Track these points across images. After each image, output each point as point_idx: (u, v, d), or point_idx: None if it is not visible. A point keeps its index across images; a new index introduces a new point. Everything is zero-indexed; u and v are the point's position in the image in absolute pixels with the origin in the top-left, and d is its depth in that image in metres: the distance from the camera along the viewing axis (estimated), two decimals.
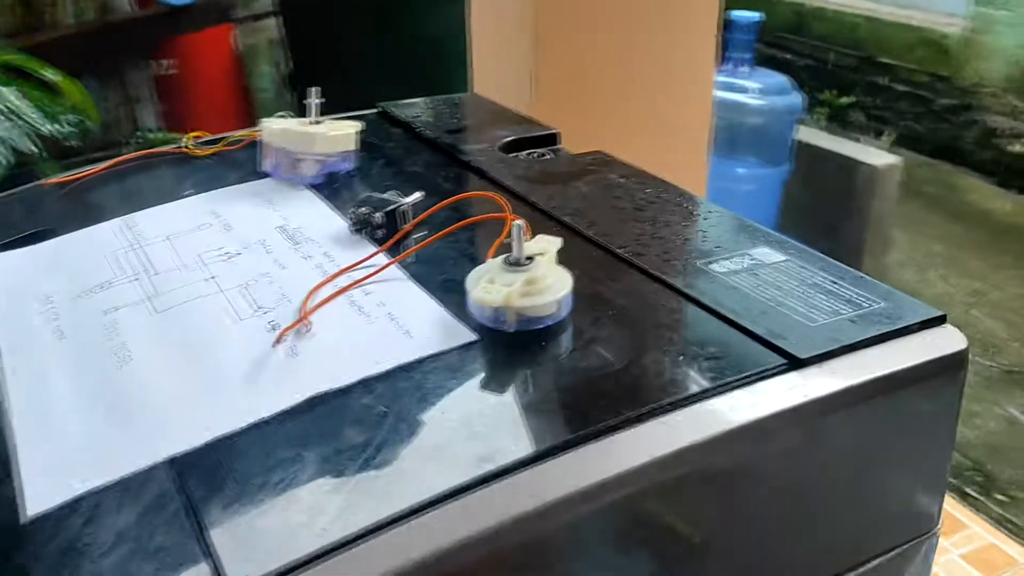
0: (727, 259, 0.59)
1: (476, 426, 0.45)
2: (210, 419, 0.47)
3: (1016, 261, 2.72)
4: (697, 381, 0.48)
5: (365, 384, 0.48)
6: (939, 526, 0.57)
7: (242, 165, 0.79)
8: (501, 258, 0.54)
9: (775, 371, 0.48)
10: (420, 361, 0.50)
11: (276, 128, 0.74)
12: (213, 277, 0.60)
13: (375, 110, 0.94)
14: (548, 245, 0.56)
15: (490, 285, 0.52)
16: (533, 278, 0.52)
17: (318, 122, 0.74)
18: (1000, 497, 1.80)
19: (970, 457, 1.88)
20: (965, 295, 2.55)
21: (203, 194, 0.73)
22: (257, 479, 0.42)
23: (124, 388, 0.50)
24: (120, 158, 0.82)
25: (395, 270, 0.60)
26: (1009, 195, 3.17)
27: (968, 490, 1.81)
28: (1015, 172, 3.19)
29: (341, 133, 0.73)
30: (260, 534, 0.39)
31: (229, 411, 0.47)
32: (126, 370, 0.52)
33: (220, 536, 0.39)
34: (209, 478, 0.43)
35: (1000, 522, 1.67)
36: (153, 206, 0.72)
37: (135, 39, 2.65)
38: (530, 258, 0.54)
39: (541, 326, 0.52)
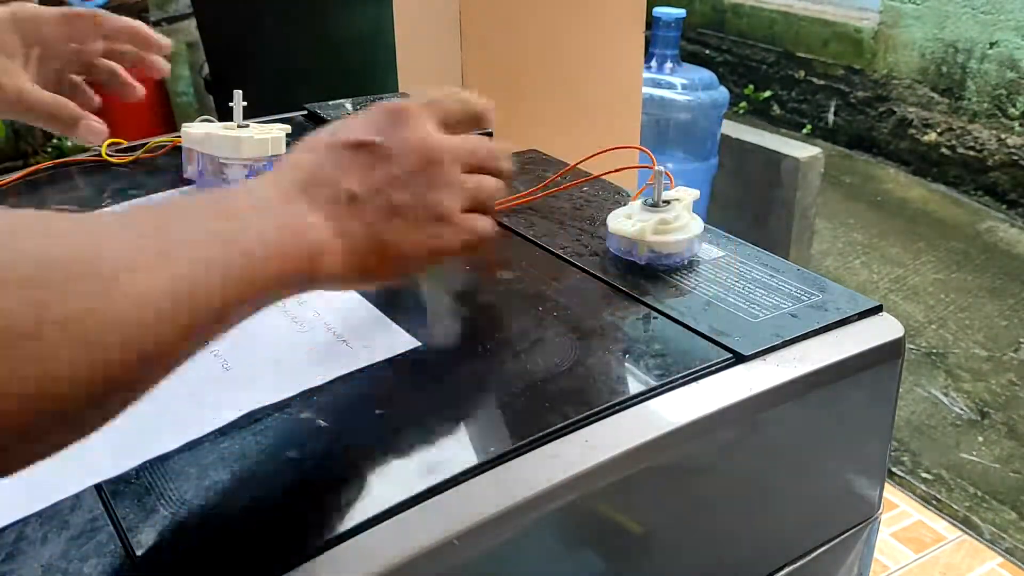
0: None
1: (420, 437, 0.44)
2: (140, 441, 0.44)
3: (931, 247, 2.82)
4: (643, 380, 0.47)
5: (303, 397, 0.47)
6: (880, 510, 0.58)
7: (163, 172, 0.76)
8: (642, 199, 0.59)
9: (719, 367, 0.48)
10: (360, 371, 0.49)
11: (199, 133, 0.71)
12: None
13: (302, 112, 0.92)
14: (686, 194, 0.60)
15: (627, 220, 0.58)
16: (667, 219, 0.57)
17: (244, 126, 0.72)
18: (925, 476, 1.86)
19: (896, 438, 1.94)
20: (887, 281, 2.64)
21: (123, 203, 0.70)
22: (191, 503, 0.40)
23: None
24: (33, 168, 0.77)
25: None
26: (923, 183, 3.30)
27: (895, 470, 1.87)
28: (928, 161, 3.31)
29: (269, 137, 0.71)
30: (194, 564, 0.37)
31: (159, 431, 0.45)
32: None
33: (152, 566, 0.37)
34: (140, 503, 0.41)
35: (926, 500, 1.72)
36: None
37: None
38: (667, 202, 0.59)
39: (670, 263, 0.58)
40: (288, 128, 0.74)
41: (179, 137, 0.74)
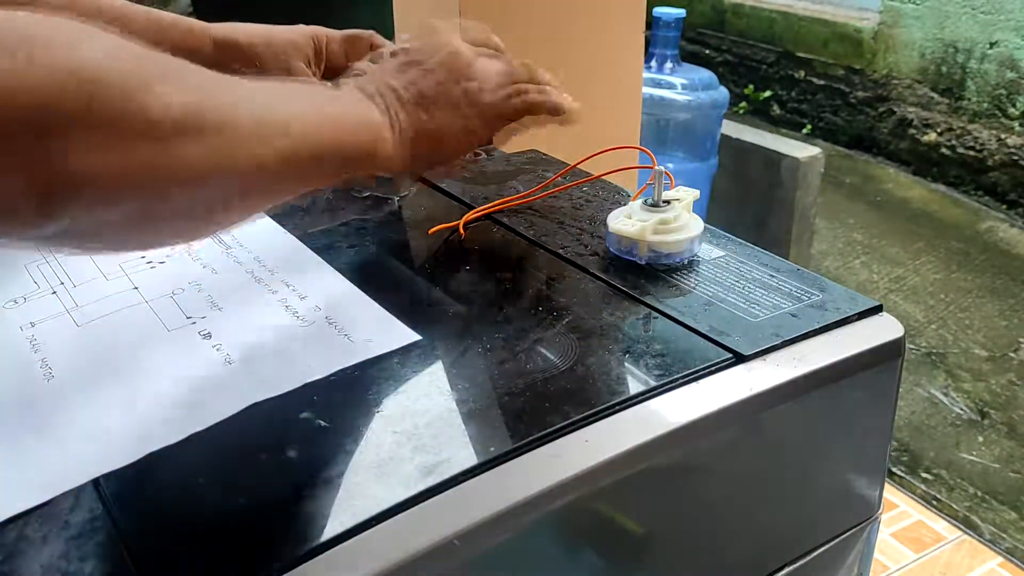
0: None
1: (420, 435, 0.44)
2: (139, 437, 0.44)
3: (931, 247, 2.82)
4: (643, 380, 0.47)
5: (303, 392, 0.47)
6: (880, 510, 0.58)
7: None
8: (642, 199, 0.60)
9: (719, 367, 0.48)
10: (361, 368, 0.49)
11: None
12: (136, 288, 0.58)
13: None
14: (686, 194, 0.61)
15: (627, 219, 0.58)
16: (667, 219, 0.58)
17: None
18: (925, 476, 1.86)
19: (895, 437, 1.94)
20: (887, 281, 2.64)
21: None
22: (191, 503, 0.40)
23: (48, 406, 0.48)
24: None
25: (332, 273, 0.58)
26: (923, 183, 3.29)
27: (895, 470, 1.87)
28: (928, 161, 3.31)
29: None
30: (194, 564, 0.37)
31: (159, 427, 0.45)
32: (49, 387, 0.49)
33: (152, 566, 0.37)
34: (140, 503, 0.41)
35: (926, 500, 1.72)
36: None
37: None
38: (667, 202, 0.59)
39: (669, 262, 0.58)
40: None
41: None
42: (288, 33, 0.75)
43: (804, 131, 3.73)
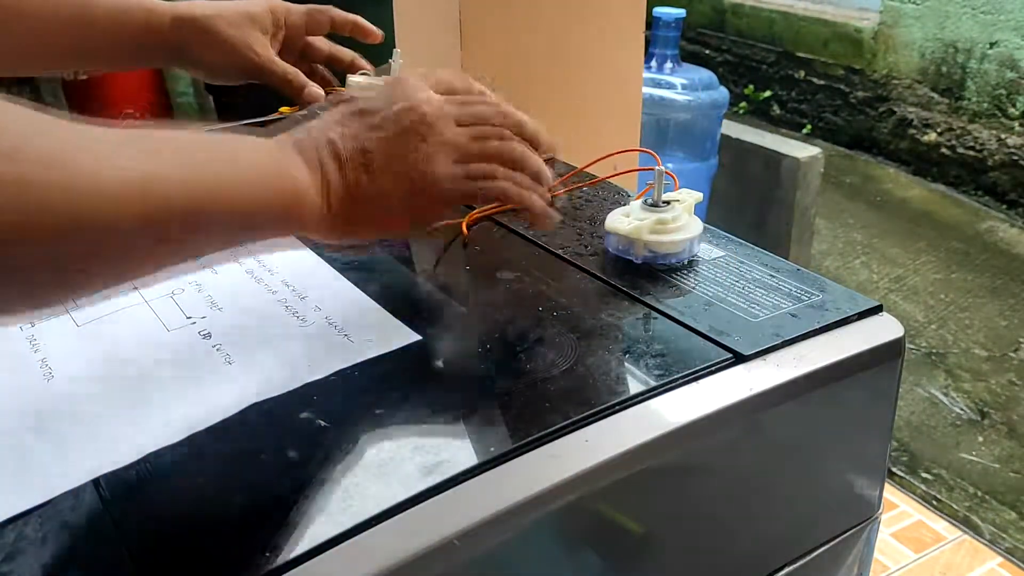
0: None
1: (420, 436, 0.44)
2: (139, 437, 0.44)
3: (931, 247, 2.82)
4: (643, 380, 0.47)
5: (303, 392, 0.47)
6: (880, 510, 0.58)
7: None
8: (643, 199, 0.60)
9: (719, 367, 0.48)
10: (361, 368, 0.49)
11: (363, 84, 0.81)
12: (136, 288, 0.58)
13: (302, 112, 0.92)
14: (688, 196, 0.60)
15: (625, 218, 0.58)
16: (665, 219, 0.57)
17: None
18: (925, 475, 1.86)
19: (895, 437, 1.94)
20: (887, 281, 2.64)
21: None
22: (190, 503, 0.40)
23: (47, 407, 0.48)
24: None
25: (332, 273, 0.58)
26: (923, 183, 3.29)
27: (895, 470, 1.87)
28: (928, 161, 3.31)
29: None
30: (194, 564, 0.37)
31: (159, 427, 0.45)
32: (49, 387, 0.49)
33: (152, 565, 0.37)
34: (140, 503, 0.41)
35: (926, 500, 1.72)
36: None
37: None
38: (667, 202, 0.59)
39: (667, 263, 0.58)
40: None
41: (343, 87, 0.84)
42: (246, 6, 0.75)
43: (804, 131, 3.73)
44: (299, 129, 0.48)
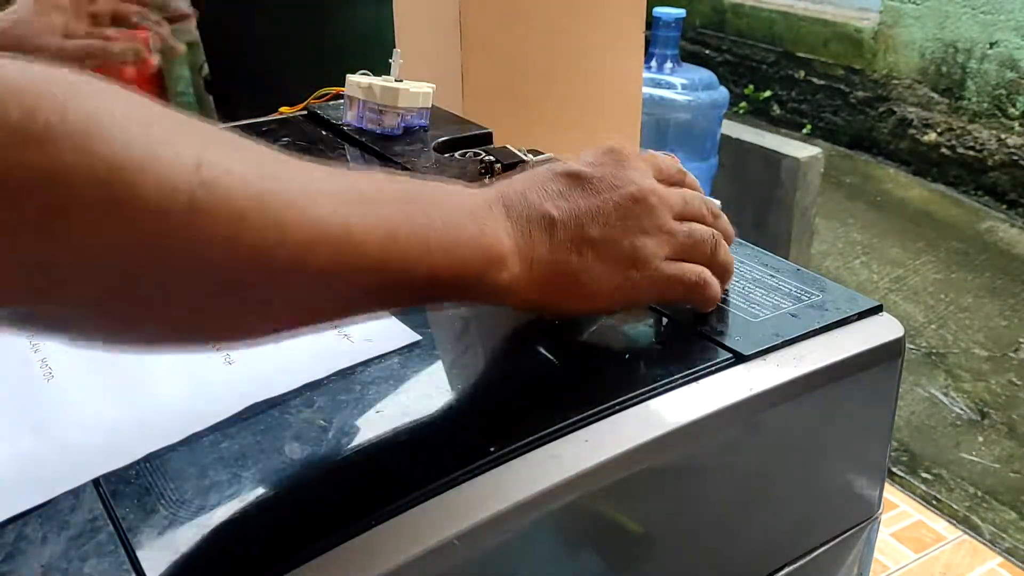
0: None
1: (420, 436, 0.44)
2: (139, 437, 0.44)
3: (931, 247, 2.82)
4: (643, 380, 0.47)
5: (304, 395, 0.47)
6: (880, 510, 0.58)
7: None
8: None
9: (719, 367, 0.48)
10: (361, 368, 0.49)
11: (363, 83, 0.82)
12: None
13: (302, 112, 0.92)
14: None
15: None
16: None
17: (399, 80, 0.83)
18: (925, 475, 1.86)
19: (895, 437, 1.94)
20: (887, 281, 2.64)
21: None
22: (191, 503, 0.40)
23: (47, 407, 0.48)
24: None
25: None
26: (923, 183, 3.30)
27: (895, 470, 1.87)
28: (928, 161, 3.31)
29: (420, 92, 0.82)
30: (194, 565, 0.37)
31: (159, 427, 0.45)
32: (49, 388, 0.49)
33: (152, 566, 0.37)
34: (140, 503, 0.41)
35: (926, 499, 1.73)
36: None
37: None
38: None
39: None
40: (434, 86, 0.84)
41: (342, 87, 0.86)
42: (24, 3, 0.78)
43: (804, 131, 3.73)
44: (510, 185, 0.46)
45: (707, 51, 4.15)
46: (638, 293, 0.47)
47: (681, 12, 2.28)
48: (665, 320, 0.52)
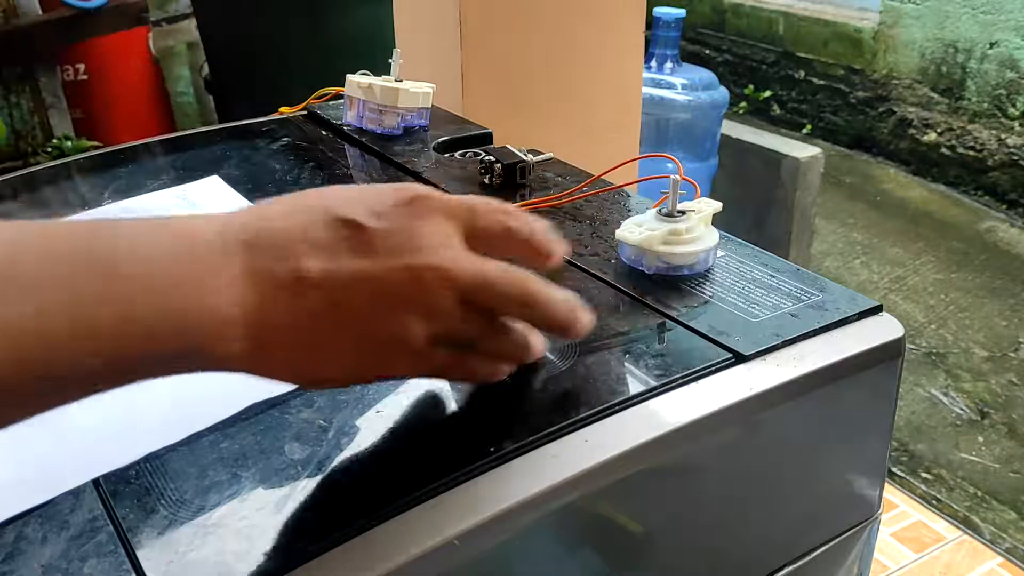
0: None
1: (420, 435, 0.44)
2: (139, 437, 0.44)
3: (931, 247, 2.82)
4: (643, 380, 0.47)
5: (304, 395, 0.47)
6: (880, 510, 0.58)
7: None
8: (659, 208, 0.58)
9: (719, 367, 0.48)
10: None
11: (363, 83, 0.82)
12: None
13: (302, 112, 0.92)
14: (706, 206, 0.59)
15: (636, 228, 0.57)
16: (679, 229, 0.56)
17: (399, 80, 0.83)
18: (925, 475, 1.86)
19: (895, 437, 1.94)
20: (887, 281, 2.64)
21: (121, 202, 0.70)
22: (191, 503, 0.40)
23: None
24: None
25: None
26: (923, 183, 3.29)
27: (895, 470, 1.87)
28: (928, 161, 3.31)
29: (420, 91, 0.82)
30: (194, 565, 0.37)
31: (159, 427, 0.45)
32: None
33: (152, 566, 0.37)
34: (140, 503, 0.41)
35: (926, 500, 1.72)
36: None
37: (43, 44, 2.54)
38: (683, 212, 0.57)
39: (678, 275, 0.56)
40: (434, 86, 0.84)
41: (341, 87, 0.86)
42: None
43: (804, 131, 3.73)
44: (266, 219, 0.37)
45: (707, 51, 4.15)
46: (388, 374, 0.41)
47: (681, 12, 2.28)
48: (666, 320, 0.52)
